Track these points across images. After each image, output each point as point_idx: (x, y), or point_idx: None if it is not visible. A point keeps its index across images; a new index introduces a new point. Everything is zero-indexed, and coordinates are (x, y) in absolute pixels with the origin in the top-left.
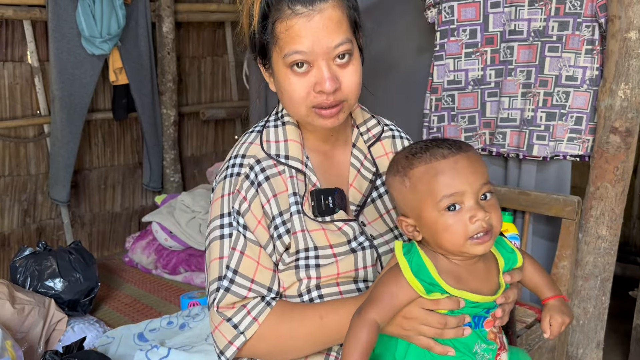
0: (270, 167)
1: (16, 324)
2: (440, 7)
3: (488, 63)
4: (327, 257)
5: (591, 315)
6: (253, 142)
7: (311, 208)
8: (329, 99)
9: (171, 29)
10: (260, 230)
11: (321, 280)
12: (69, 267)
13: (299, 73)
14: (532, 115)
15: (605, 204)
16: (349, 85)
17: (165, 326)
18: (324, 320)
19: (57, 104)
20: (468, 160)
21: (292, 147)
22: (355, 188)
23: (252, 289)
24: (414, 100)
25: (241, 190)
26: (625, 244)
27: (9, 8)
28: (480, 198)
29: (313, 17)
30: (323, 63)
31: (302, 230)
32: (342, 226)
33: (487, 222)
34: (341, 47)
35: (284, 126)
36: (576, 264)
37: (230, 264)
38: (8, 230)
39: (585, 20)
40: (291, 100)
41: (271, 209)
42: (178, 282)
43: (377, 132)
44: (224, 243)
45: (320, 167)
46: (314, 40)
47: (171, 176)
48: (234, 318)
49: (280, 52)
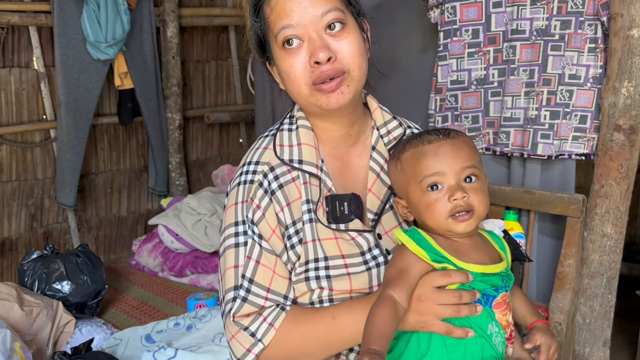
0: (284, 174)
1: (25, 326)
2: (443, 7)
3: (491, 62)
4: (338, 267)
5: (597, 314)
6: (267, 147)
7: (325, 214)
8: (327, 69)
9: (175, 33)
10: (275, 239)
11: (334, 293)
12: (77, 270)
13: (292, 50)
14: (536, 114)
15: (610, 202)
16: (346, 54)
17: (172, 327)
18: (337, 320)
19: (63, 109)
20: (451, 145)
21: (306, 150)
22: (374, 193)
23: (269, 298)
24: (418, 100)
25: (254, 199)
26: (632, 244)
27: (15, 14)
28: (465, 180)
29: None
30: (313, 34)
31: (314, 240)
32: (355, 236)
33: (465, 201)
34: (329, 14)
35: (297, 130)
36: (582, 262)
37: (246, 273)
38: (16, 234)
39: (588, 18)
40: (292, 82)
41: (285, 218)
42: (184, 284)
43: (398, 135)
44: (239, 251)
45: (337, 171)
46: (299, 12)
47: (177, 179)
48: (251, 326)
49: (273, 36)
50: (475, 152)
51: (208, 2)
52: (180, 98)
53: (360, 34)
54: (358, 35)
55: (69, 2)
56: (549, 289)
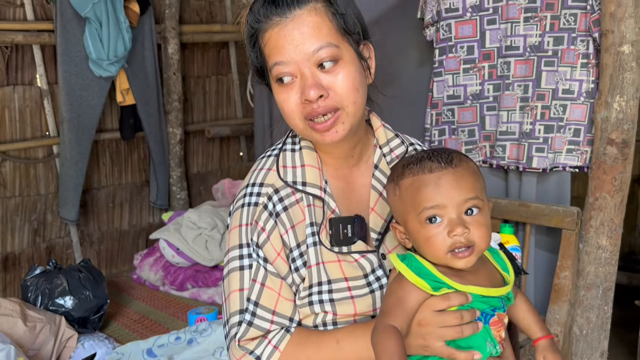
0: (289, 196)
1: (28, 341)
2: (438, 25)
3: (486, 78)
4: (342, 290)
5: (594, 325)
6: (270, 169)
7: (328, 237)
8: (318, 107)
9: (176, 50)
10: (280, 262)
11: (337, 317)
12: (79, 285)
13: (285, 86)
14: (531, 128)
15: (605, 215)
16: (339, 90)
17: (173, 342)
18: (341, 344)
19: (66, 125)
20: (453, 176)
21: (310, 172)
22: (377, 213)
23: (275, 322)
24: (414, 115)
25: (259, 222)
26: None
27: (19, 34)
28: (466, 213)
29: (286, 24)
30: (306, 70)
31: (317, 263)
32: (359, 258)
33: (465, 237)
34: (321, 51)
35: (300, 150)
36: (578, 274)
37: (251, 296)
38: (19, 249)
39: (580, 34)
40: (286, 115)
41: (289, 240)
42: (185, 298)
43: (400, 153)
44: (244, 274)
45: (340, 192)
46: (291, 49)
47: (178, 193)
48: (256, 350)
49: (268, 68)
50: (479, 179)
51: (208, 19)
52: (181, 113)
53: (358, 64)
54: (354, 67)
55: (71, 21)
56: (545, 300)
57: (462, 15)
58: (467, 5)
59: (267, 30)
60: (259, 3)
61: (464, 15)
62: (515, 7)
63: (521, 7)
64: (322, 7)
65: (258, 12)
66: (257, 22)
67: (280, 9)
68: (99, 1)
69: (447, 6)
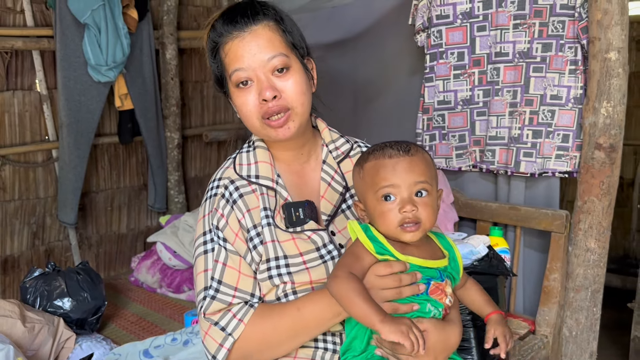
0: (244, 186)
1: (27, 342)
2: (429, 31)
3: (476, 84)
4: (298, 264)
5: (583, 326)
6: (228, 167)
7: (283, 220)
8: (273, 105)
9: (174, 55)
10: (239, 242)
11: (296, 286)
12: (77, 287)
13: (244, 89)
14: (519, 133)
15: (593, 218)
16: (290, 93)
17: (169, 343)
18: (302, 311)
19: (65, 130)
20: (408, 162)
21: (262, 167)
22: (327, 199)
23: (236, 296)
24: (406, 120)
25: (218, 208)
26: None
27: (18, 39)
28: (416, 194)
29: (245, 37)
30: (261, 75)
31: (272, 240)
32: (311, 235)
33: (413, 214)
34: (275, 59)
35: (254, 150)
36: (567, 276)
37: (215, 275)
38: (18, 252)
39: (568, 41)
40: (244, 115)
41: (246, 223)
42: (182, 300)
43: (345, 149)
44: (207, 257)
45: (293, 184)
46: (249, 57)
47: (175, 197)
48: (221, 321)
49: (228, 75)
50: (431, 168)
51: None
52: (179, 118)
53: (303, 74)
54: (301, 75)
55: (70, 27)
56: (535, 302)
57: (453, 22)
58: (458, 12)
59: (227, 42)
60: (220, 21)
61: (454, 22)
62: (505, 15)
63: (510, 15)
64: (273, 25)
65: (220, 28)
66: (219, 36)
67: (239, 25)
68: (97, 7)
69: (438, 13)
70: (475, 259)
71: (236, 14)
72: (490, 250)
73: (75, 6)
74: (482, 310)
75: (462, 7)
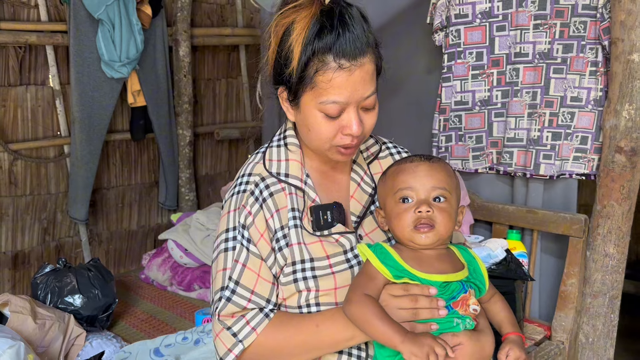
0: (274, 184)
1: (37, 338)
2: (447, 30)
3: (494, 84)
4: (324, 268)
5: (600, 333)
6: (258, 162)
7: (310, 223)
8: (354, 140)
9: (187, 52)
10: (263, 244)
11: (320, 294)
12: (88, 284)
13: (331, 118)
14: (539, 135)
15: (612, 222)
16: (369, 127)
17: (180, 342)
18: (320, 328)
19: (77, 126)
20: (428, 168)
21: (293, 166)
22: (356, 199)
23: (252, 300)
24: (422, 120)
25: (246, 206)
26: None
27: (32, 34)
28: (434, 200)
29: (354, 71)
30: (352, 110)
31: (299, 242)
32: (339, 238)
33: (428, 215)
34: (370, 98)
35: (286, 147)
36: (584, 282)
37: (233, 275)
38: (28, 247)
39: (589, 42)
40: (319, 138)
41: (274, 224)
42: (193, 298)
43: (375, 151)
44: (227, 255)
45: (322, 184)
46: (351, 92)
47: (186, 195)
48: (234, 327)
49: (315, 96)
50: (452, 178)
51: (220, 22)
52: (191, 115)
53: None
54: (378, 105)
55: (84, 23)
56: (552, 307)
57: (472, 22)
58: (477, 11)
59: (332, 69)
60: (329, 35)
61: (473, 21)
62: (525, 14)
63: (531, 14)
64: (375, 54)
65: (329, 47)
66: (324, 53)
67: (352, 54)
68: (112, 3)
69: (457, 12)
70: (493, 262)
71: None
72: (508, 253)
73: (90, 2)
74: (502, 326)
75: (481, 7)
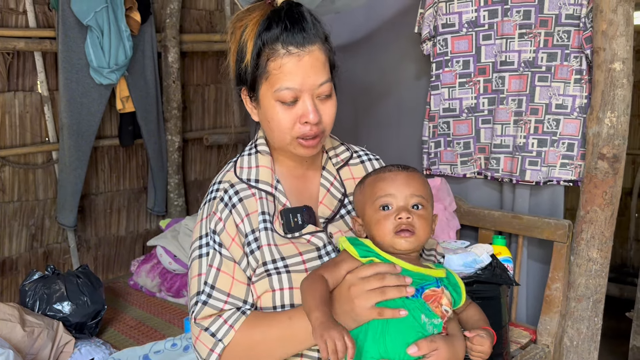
0: (244, 190)
1: (26, 345)
2: (435, 40)
3: (481, 92)
4: (297, 264)
5: (584, 336)
6: (229, 170)
7: (281, 226)
8: (312, 129)
9: (176, 58)
10: (235, 247)
11: (294, 292)
12: (77, 291)
13: (286, 106)
14: (524, 142)
15: (596, 228)
16: (328, 118)
17: (169, 348)
18: (293, 320)
19: (66, 132)
20: (405, 176)
21: (263, 172)
22: (325, 205)
23: (228, 302)
24: (412, 127)
25: (217, 212)
26: (623, 266)
27: (20, 40)
28: (413, 207)
29: (303, 57)
30: (308, 98)
31: (269, 244)
32: (310, 238)
33: (408, 221)
34: (324, 86)
35: (256, 154)
36: (568, 286)
37: (208, 279)
38: (16, 254)
39: (573, 51)
40: (279, 129)
41: (244, 227)
42: (181, 304)
43: (345, 157)
44: (202, 261)
45: (293, 189)
46: (302, 78)
47: (175, 200)
48: (211, 327)
49: (270, 86)
50: (427, 188)
51: (208, 29)
52: (180, 121)
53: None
54: (335, 97)
55: (73, 29)
56: (537, 311)
57: (459, 31)
58: (464, 21)
59: (281, 57)
60: (277, 27)
61: (460, 30)
62: (510, 24)
63: (516, 24)
64: (325, 46)
65: (276, 36)
66: (272, 42)
67: (299, 42)
68: (100, 10)
69: (444, 21)
70: (478, 267)
71: (295, 27)
72: (493, 259)
73: (79, 8)
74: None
75: (467, 16)
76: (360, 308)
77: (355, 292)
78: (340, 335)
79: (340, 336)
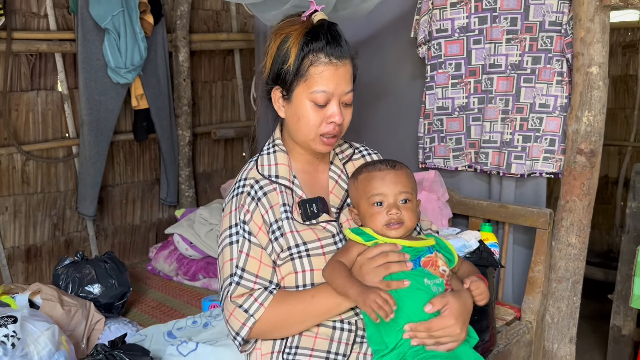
0: (267, 185)
1: (65, 323)
2: (430, 44)
3: (471, 92)
4: (316, 248)
5: (564, 314)
6: (252, 168)
7: (300, 215)
8: (335, 129)
9: (187, 57)
10: (261, 235)
11: (314, 273)
12: (105, 274)
13: (317, 107)
14: (511, 138)
15: (574, 216)
16: (347, 122)
17: (190, 325)
18: (315, 299)
19: (86, 128)
20: (394, 175)
21: (281, 169)
22: (335, 194)
23: (257, 282)
24: (408, 124)
25: (244, 205)
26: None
27: (42, 43)
28: (401, 202)
29: (339, 67)
30: (336, 102)
31: (292, 231)
32: (326, 226)
33: (397, 216)
34: (349, 94)
35: (275, 153)
36: (550, 268)
37: (239, 263)
38: (40, 242)
39: (556, 55)
40: (307, 125)
41: (269, 218)
42: (197, 287)
43: (349, 153)
44: (233, 248)
45: (306, 183)
46: (336, 84)
47: (186, 191)
48: (245, 304)
49: (307, 87)
50: (412, 181)
51: (215, 28)
52: (190, 116)
53: None
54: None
55: (92, 32)
56: (522, 291)
57: (451, 36)
58: (456, 26)
59: (323, 64)
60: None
61: (452, 35)
62: (499, 30)
63: (503, 30)
64: (353, 62)
65: (321, 47)
66: (317, 51)
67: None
68: (117, 13)
69: (438, 27)
70: (467, 251)
71: (335, 42)
72: (481, 244)
73: (97, 12)
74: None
75: (459, 22)
76: (371, 283)
77: (365, 270)
78: (377, 294)
79: (377, 295)
